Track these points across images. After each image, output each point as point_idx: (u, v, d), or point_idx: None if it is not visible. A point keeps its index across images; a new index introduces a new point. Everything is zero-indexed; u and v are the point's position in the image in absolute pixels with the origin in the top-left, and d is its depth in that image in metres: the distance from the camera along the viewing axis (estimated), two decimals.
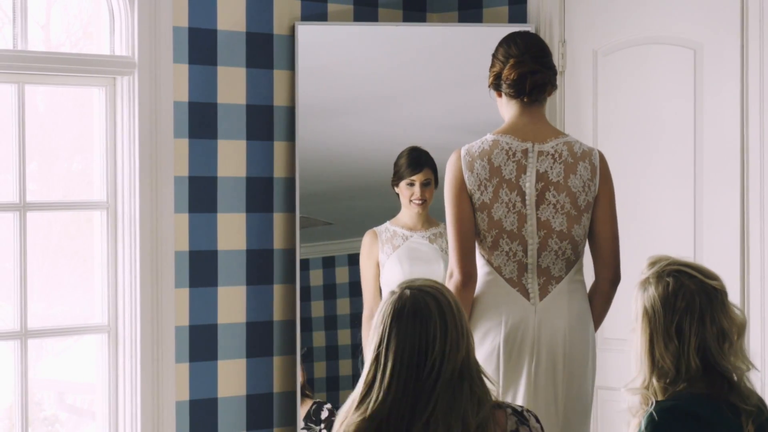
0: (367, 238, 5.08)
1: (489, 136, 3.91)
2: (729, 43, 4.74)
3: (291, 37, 5.21)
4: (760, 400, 3.07)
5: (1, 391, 5.08)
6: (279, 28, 5.20)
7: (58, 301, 5.21)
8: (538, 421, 2.85)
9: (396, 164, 5.09)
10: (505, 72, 3.94)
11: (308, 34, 5.20)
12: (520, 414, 2.81)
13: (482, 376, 2.79)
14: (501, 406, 2.80)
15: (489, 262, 3.87)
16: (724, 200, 4.74)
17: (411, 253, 5.02)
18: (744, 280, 4.69)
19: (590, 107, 5.12)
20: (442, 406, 2.73)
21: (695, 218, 4.81)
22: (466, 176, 3.85)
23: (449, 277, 3.87)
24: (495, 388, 2.82)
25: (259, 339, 5.16)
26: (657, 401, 3.01)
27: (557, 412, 3.89)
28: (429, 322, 2.75)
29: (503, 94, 3.98)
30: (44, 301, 5.07)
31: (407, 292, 2.81)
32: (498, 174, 3.85)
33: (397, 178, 5.09)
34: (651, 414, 2.99)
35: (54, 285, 5.18)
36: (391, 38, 5.30)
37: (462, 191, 3.86)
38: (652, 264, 3.10)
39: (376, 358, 2.77)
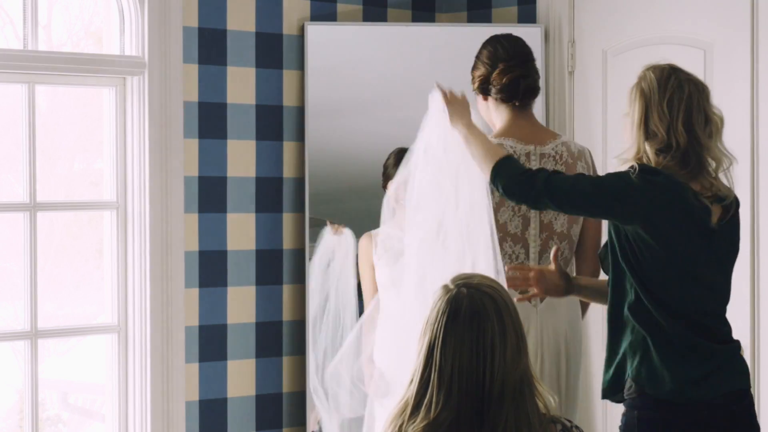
0: (363, 241, 5.05)
1: (492, 139, 3.82)
2: (739, 43, 4.73)
3: (300, 37, 5.21)
4: (735, 198, 3.48)
5: (6, 391, 5.08)
6: (288, 28, 5.20)
7: (63, 302, 5.21)
8: None
9: (384, 165, 5.10)
10: (494, 76, 3.93)
11: (317, 34, 5.20)
12: (569, 430, 2.73)
13: (537, 383, 2.71)
14: (554, 420, 2.72)
15: None
16: None
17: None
18: (754, 281, 4.68)
19: (600, 107, 5.11)
20: (512, 416, 2.63)
21: None
22: None
23: None
24: (551, 399, 2.73)
25: (268, 339, 5.15)
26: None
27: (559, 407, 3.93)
28: (486, 325, 2.64)
29: (490, 98, 3.96)
30: (49, 301, 5.07)
31: (464, 290, 2.69)
32: None
33: (385, 178, 5.11)
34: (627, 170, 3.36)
35: (58, 285, 5.18)
36: (400, 38, 5.30)
37: None
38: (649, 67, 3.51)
39: (429, 358, 2.65)
